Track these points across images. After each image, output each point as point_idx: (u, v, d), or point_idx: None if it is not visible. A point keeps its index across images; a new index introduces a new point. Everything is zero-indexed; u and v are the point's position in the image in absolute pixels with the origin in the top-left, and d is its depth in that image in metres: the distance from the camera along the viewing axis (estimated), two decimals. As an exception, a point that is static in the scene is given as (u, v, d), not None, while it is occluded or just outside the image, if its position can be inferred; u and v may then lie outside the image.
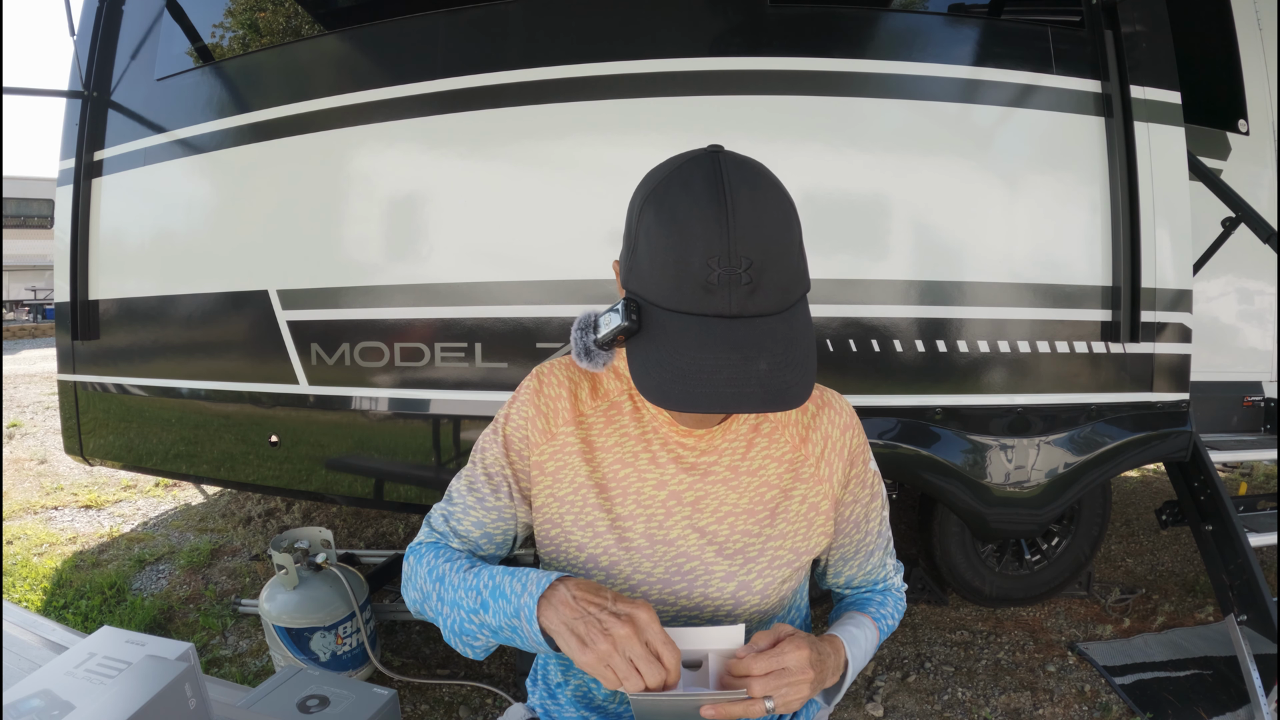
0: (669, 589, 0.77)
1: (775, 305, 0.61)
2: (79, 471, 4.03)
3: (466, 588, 0.71)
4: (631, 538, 0.77)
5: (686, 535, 0.77)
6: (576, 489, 0.78)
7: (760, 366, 0.59)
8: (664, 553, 0.77)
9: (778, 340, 0.60)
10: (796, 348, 0.62)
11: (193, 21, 2.44)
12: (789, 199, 0.64)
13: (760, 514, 0.78)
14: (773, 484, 0.79)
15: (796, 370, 0.61)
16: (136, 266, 2.50)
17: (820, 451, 0.80)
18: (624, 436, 0.79)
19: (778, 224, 0.61)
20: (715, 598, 0.77)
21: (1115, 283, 1.95)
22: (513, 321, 2.00)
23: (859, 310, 1.93)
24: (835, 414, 0.81)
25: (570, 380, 0.82)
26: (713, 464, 0.78)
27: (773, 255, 0.60)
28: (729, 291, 0.59)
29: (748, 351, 0.59)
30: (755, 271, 0.59)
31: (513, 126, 1.99)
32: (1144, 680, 2.13)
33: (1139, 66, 1.94)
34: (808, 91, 1.92)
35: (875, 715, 1.99)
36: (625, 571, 0.77)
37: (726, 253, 0.58)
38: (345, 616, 1.96)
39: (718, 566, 0.77)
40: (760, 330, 0.60)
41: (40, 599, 2.58)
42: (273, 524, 3.29)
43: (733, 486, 0.78)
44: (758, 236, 0.59)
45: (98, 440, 2.65)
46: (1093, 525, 2.47)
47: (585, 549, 0.78)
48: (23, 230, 14.04)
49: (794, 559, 0.79)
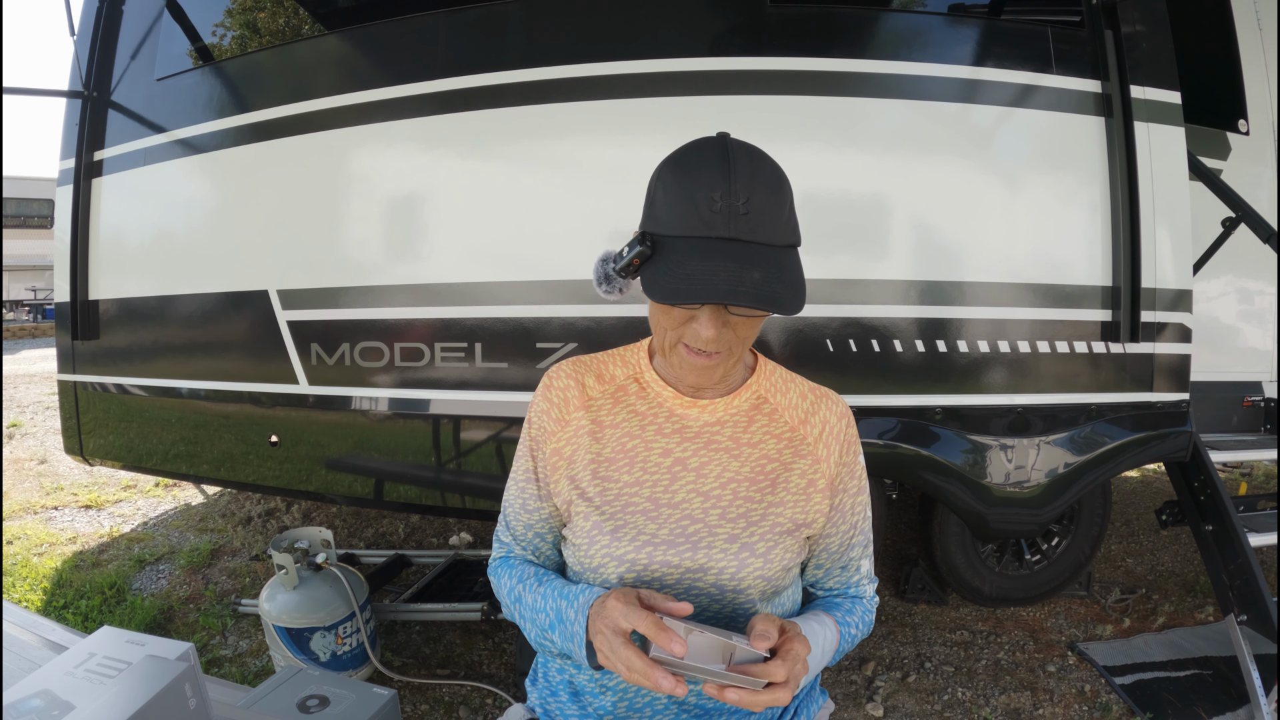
0: (672, 549, 0.79)
1: (768, 239, 0.69)
2: (79, 471, 4.03)
3: (535, 610, 0.80)
4: (637, 502, 0.81)
5: (691, 499, 0.81)
6: (585, 466, 0.84)
7: (754, 275, 0.67)
8: (669, 515, 0.81)
9: (770, 261, 0.69)
10: (787, 272, 0.70)
11: (193, 21, 2.44)
12: (783, 173, 0.73)
13: (761, 482, 0.82)
14: (773, 457, 0.84)
15: (788, 288, 0.69)
16: (136, 266, 2.50)
17: (818, 434, 0.85)
18: (631, 413, 0.85)
19: (771, 181, 0.71)
20: (719, 559, 0.79)
21: (1115, 283, 1.95)
22: (513, 321, 2.00)
23: (859, 310, 1.93)
24: (833, 404, 0.88)
25: (576, 372, 0.89)
26: (716, 433, 0.84)
27: (768, 201, 0.69)
28: (728, 219, 0.68)
29: (743, 262, 0.68)
30: (751, 206, 0.68)
31: (513, 126, 1.99)
32: (1144, 680, 2.13)
33: (1139, 66, 1.94)
34: (808, 91, 1.92)
35: (875, 715, 1.99)
36: (629, 535, 0.80)
37: (727, 190, 0.68)
38: (345, 616, 1.96)
39: (721, 529, 0.80)
40: (755, 251, 0.68)
41: (40, 599, 2.58)
42: (273, 524, 3.29)
43: (734, 455, 0.83)
44: (755, 183, 0.69)
45: (98, 440, 2.65)
46: (1093, 525, 2.47)
47: (590, 517, 0.82)
48: (23, 230, 14.03)
49: (793, 528, 0.82)
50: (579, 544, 0.82)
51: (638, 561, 0.79)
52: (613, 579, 0.79)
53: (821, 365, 1.92)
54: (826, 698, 0.98)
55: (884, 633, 2.41)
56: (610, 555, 0.79)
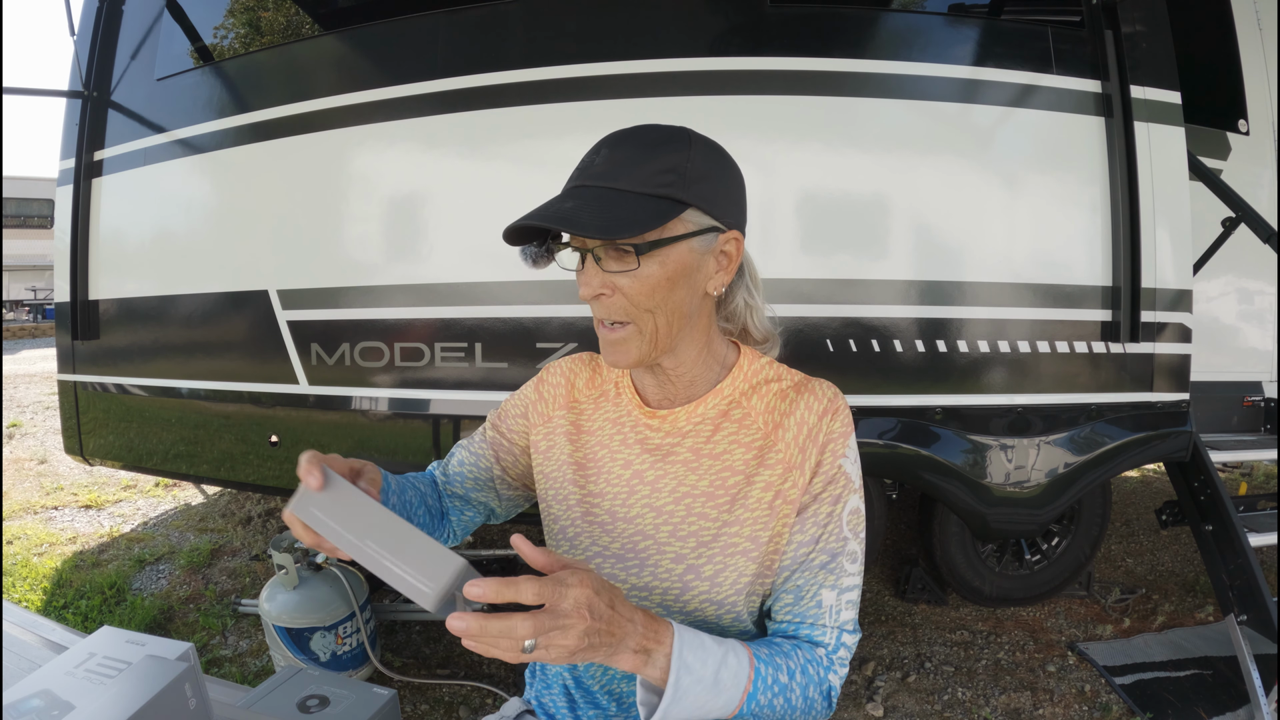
0: (621, 564, 0.78)
1: (609, 183, 0.68)
2: (79, 471, 4.03)
3: None
4: (597, 514, 0.81)
5: (644, 514, 0.78)
6: (559, 465, 0.84)
7: (567, 204, 0.68)
8: (623, 529, 0.79)
9: (598, 198, 0.68)
10: (610, 205, 0.67)
11: (193, 21, 2.44)
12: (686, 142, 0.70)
13: (720, 498, 0.76)
14: (738, 469, 0.76)
15: (594, 214, 0.67)
16: (136, 266, 2.50)
17: (793, 436, 0.76)
18: (606, 421, 0.84)
19: (648, 141, 0.70)
20: (664, 579, 0.76)
21: (1115, 283, 1.95)
22: (513, 321, 2.00)
23: (859, 310, 1.93)
24: (815, 400, 0.77)
25: (570, 370, 0.89)
26: (675, 446, 0.79)
27: (630, 155, 0.69)
28: (582, 170, 0.71)
29: (566, 199, 0.70)
30: (609, 159, 0.69)
31: (513, 126, 1.99)
32: (1144, 680, 2.13)
33: (1139, 66, 1.94)
34: (808, 91, 1.92)
35: (875, 715, 1.99)
36: (584, 544, 0.81)
37: (596, 149, 0.71)
38: (345, 616, 1.96)
39: (669, 547, 0.77)
40: (587, 191, 0.69)
41: (40, 599, 2.58)
42: (273, 524, 3.29)
43: (693, 468, 0.78)
44: (624, 142, 0.70)
45: (98, 440, 2.65)
46: (1093, 525, 2.47)
47: (559, 521, 0.84)
48: (23, 230, 14.05)
49: (751, 547, 0.74)
50: (548, 537, 0.86)
51: None
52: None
53: (822, 365, 1.92)
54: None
55: (884, 633, 2.41)
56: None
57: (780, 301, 1.88)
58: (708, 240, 0.72)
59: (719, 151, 0.74)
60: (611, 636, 0.58)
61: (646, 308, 0.71)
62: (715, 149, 0.73)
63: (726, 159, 0.74)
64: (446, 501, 0.90)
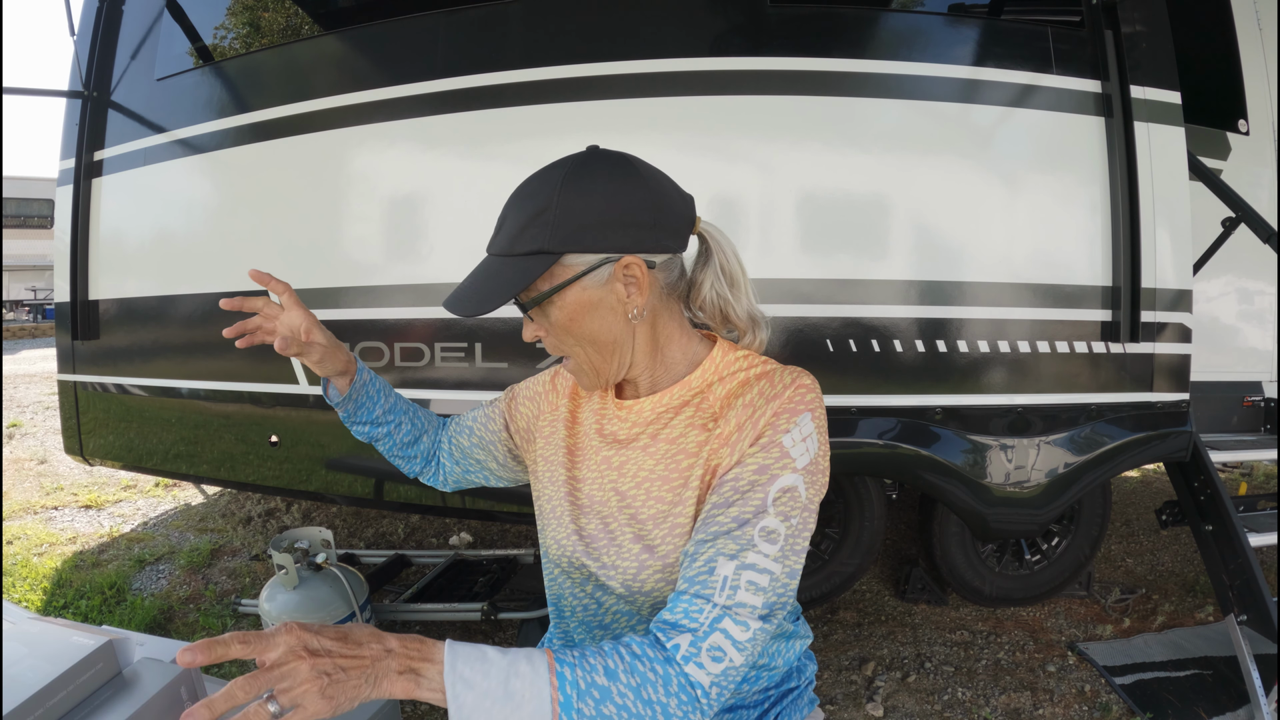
0: (594, 544, 0.83)
1: (498, 250, 0.75)
2: (79, 471, 4.03)
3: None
4: (578, 496, 0.86)
5: (610, 498, 0.83)
6: (556, 449, 0.90)
7: (465, 283, 0.76)
8: (598, 510, 0.84)
9: (486, 270, 0.75)
10: (485, 279, 0.74)
11: (193, 21, 2.45)
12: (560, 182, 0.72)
13: (674, 480, 0.78)
14: (690, 452, 0.77)
15: (471, 291, 0.75)
16: (136, 266, 2.50)
17: (735, 414, 0.74)
18: (591, 411, 0.89)
19: (525, 192, 0.74)
20: (625, 559, 0.79)
21: (1115, 283, 1.95)
22: (513, 322, 2.00)
23: (859, 310, 1.93)
24: (770, 385, 0.75)
25: None
26: (639, 434, 0.83)
27: (511, 212, 0.75)
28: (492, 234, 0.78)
29: (471, 273, 0.77)
30: (503, 221, 0.75)
31: (513, 126, 1.99)
32: (1144, 680, 2.13)
33: (1139, 66, 1.94)
34: (808, 91, 1.92)
35: (875, 715, 1.99)
36: (565, 523, 0.86)
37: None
38: (345, 617, 1.96)
39: (629, 528, 0.80)
40: (486, 262, 0.76)
41: (40, 599, 2.58)
42: (273, 524, 3.29)
43: (650, 453, 0.81)
44: (515, 198, 0.75)
45: (98, 440, 2.65)
46: (1093, 525, 2.47)
47: (550, 500, 0.89)
48: (23, 230, 14.05)
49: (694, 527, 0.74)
50: (539, 515, 0.91)
51: (565, 552, 0.85)
52: (552, 555, 0.88)
53: (822, 365, 1.92)
54: (815, 706, 0.94)
55: (884, 633, 2.41)
56: (553, 539, 0.87)
57: (780, 302, 1.88)
58: (600, 275, 0.73)
59: (600, 177, 0.72)
60: (358, 664, 0.55)
61: (571, 345, 0.78)
62: (593, 177, 0.72)
63: (610, 184, 0.71)
64: (445, 445, 1.04)
